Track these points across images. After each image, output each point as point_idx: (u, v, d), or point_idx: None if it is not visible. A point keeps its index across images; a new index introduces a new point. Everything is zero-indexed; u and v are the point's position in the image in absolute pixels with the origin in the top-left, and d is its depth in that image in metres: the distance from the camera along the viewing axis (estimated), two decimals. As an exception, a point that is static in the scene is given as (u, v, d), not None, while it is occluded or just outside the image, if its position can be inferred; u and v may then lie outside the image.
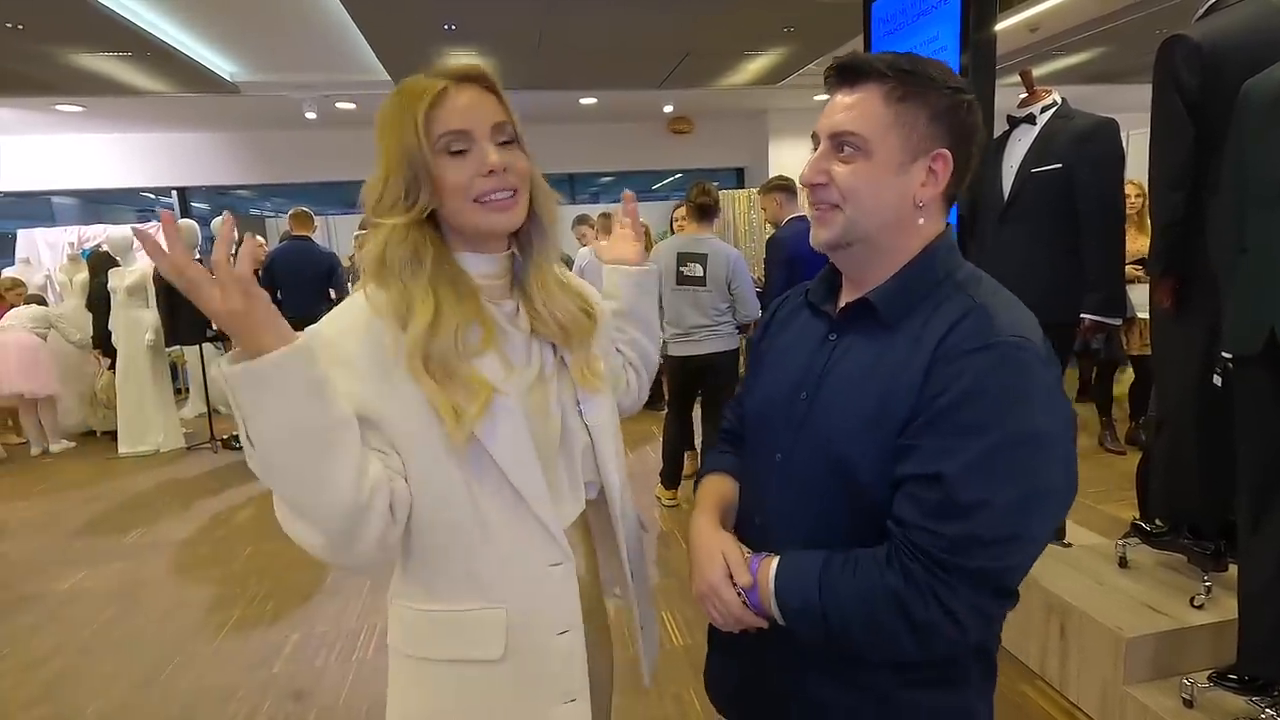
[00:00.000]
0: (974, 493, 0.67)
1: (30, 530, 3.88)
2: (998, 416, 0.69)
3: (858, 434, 0.75)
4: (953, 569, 0.68)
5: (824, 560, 0.75)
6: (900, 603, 0.69)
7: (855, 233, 0.78)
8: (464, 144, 0.79)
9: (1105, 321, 2.16)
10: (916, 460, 0.71)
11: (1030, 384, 0.70)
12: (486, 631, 0.82)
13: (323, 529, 0.74)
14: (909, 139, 0.75)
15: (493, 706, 0.84)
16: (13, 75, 4.86)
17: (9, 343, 5.16)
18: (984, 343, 0.71)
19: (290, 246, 4.80)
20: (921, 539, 0.69)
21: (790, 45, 5.18)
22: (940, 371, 0.71)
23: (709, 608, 0.83)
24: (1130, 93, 6.13)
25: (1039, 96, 2.32)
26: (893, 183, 0.76)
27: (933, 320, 0.75)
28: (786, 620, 0.76)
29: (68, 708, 2.27)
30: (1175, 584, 2.06)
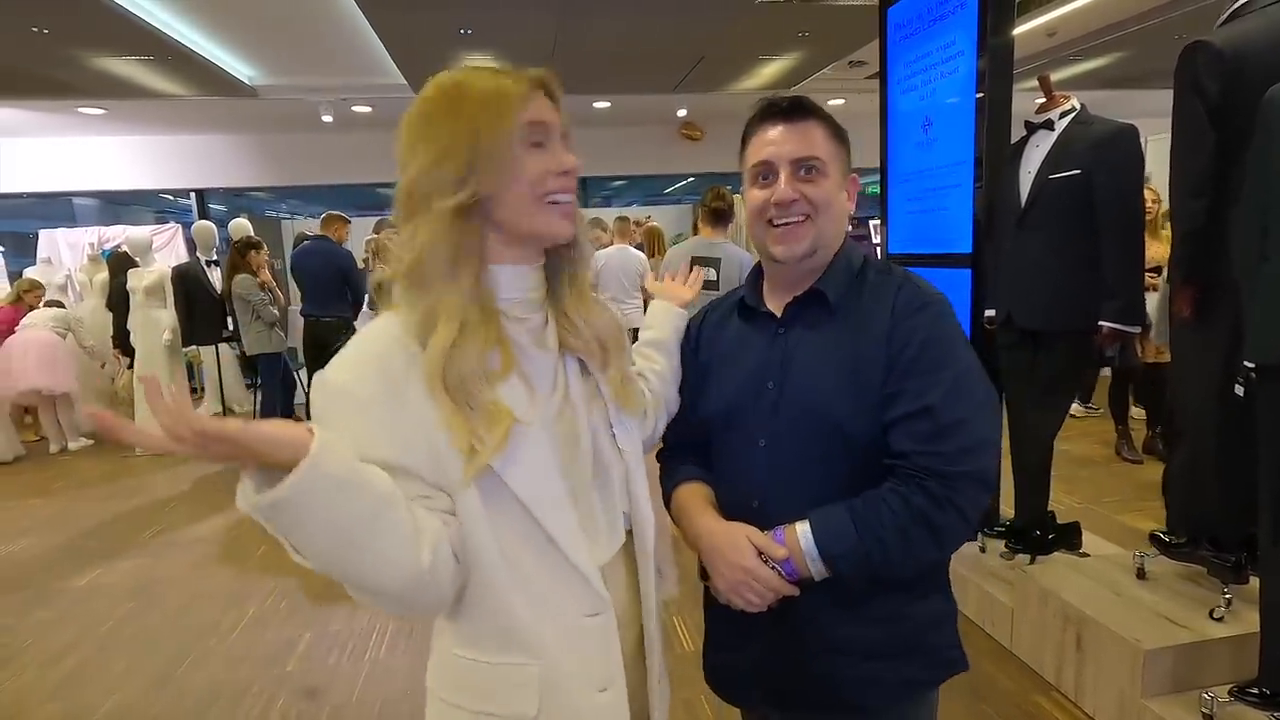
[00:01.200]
0: (955, 414, 0.86)
1: (48, 526, 3.93)
2: (951, 354, 0.88)
3: (838, 397, 0.90)
4: (957, 477, 0.85)
5: (848, 508, 0.87)
6: (926, 517, 0.85)
7: (821, 240, 0.94)
8: (543, 137, 0.75)
9: (1124, 330, 2.13)
10: (905, 400, 0.87)
11: (957, 330, 0.92)
12: (518, 688, 0.75)
13: (394, 598, 0.70)
14: (843, 167, 0.97)
15: None
16: (37, 78, 4.95)
17: (30, 340, 5.23)
18: (923, 302, 0.91)
19: (307, 248, 4.84)
20: (927, 461, 0.85)
21: (805, 50, 5.18)
22: (900, 329, 0.89)
23: (745, 593, 0.90)
24: (1149, 98, 6.08)
25: (1057, 102, 2.31)
26: (840, 198, 0.96)
27: (876, 296, 0.93)
28: (834, 567, 0.87)
29: (83, 703, 2.30)
30: (1194, 596, 2.04)
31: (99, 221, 7.79)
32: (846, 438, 0.90)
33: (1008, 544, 2.52)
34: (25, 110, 6.18)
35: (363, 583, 0.69)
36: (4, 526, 3.94)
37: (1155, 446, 4.03)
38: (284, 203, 9.09)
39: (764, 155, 0.94)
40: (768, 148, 0.94)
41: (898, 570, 0.89)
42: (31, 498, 4.45)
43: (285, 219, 8.40)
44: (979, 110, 2.53)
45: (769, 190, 0.94)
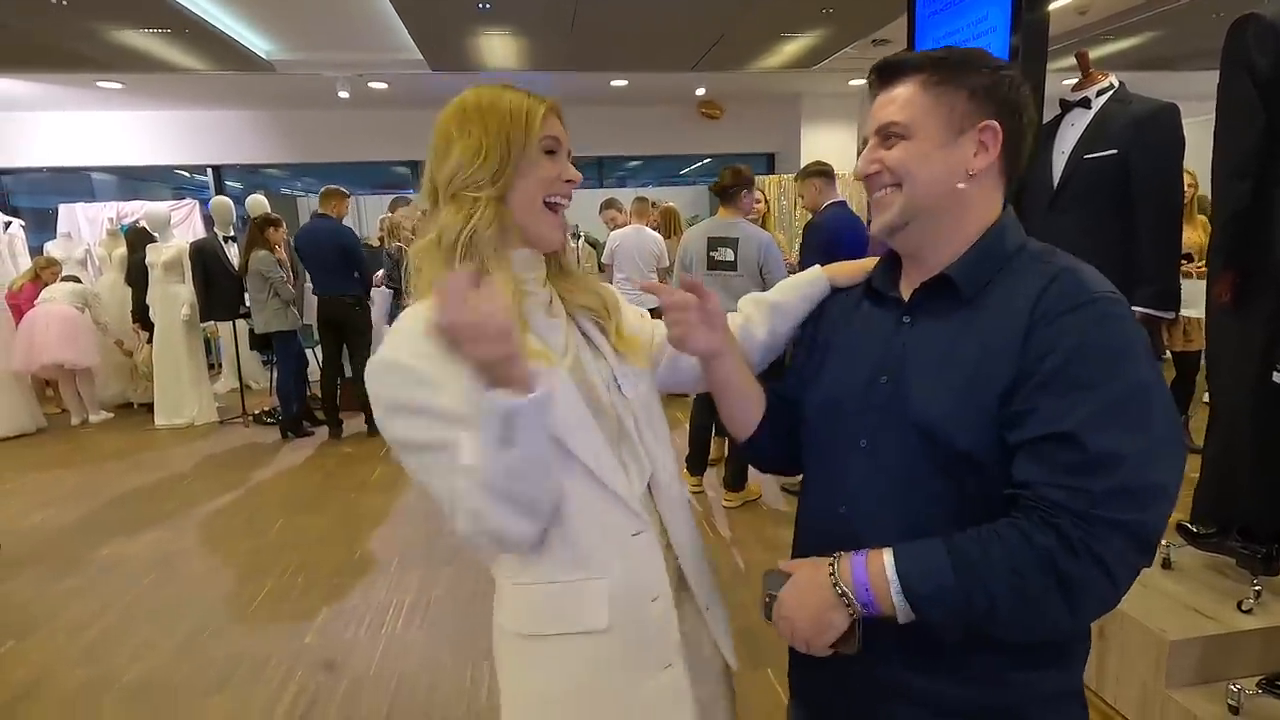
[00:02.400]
0: (1107, 444, 0.67)
1: (72, 498, 3.99)
2: (1113, 369, 0.70)
3: (952, 406, 0.76)
4: (1103, 522, 0.67)
5: (944, 542, 0.72)
6: (1052, 562, 0.67)
7: (912, 208, 0.80)
8: (556, 148, 0.88)
9: (1158, 316, 2.08)
10: (1036, 422, 0.70)
11: (1132, 336, 0.72)
12: (592, 602, 0.84)
13: (545, 516, 0.79)
14: (950, 118, 0.79)
15: (601, 678, 0.86)
16: (57, 51, 4.95)
17: (51, 314, 5.29)
18: (1080, 301, 0.72)
19: (308, 227, 4.82)
20: (1062, 496, 0.68)
21: (828, 27, 5.07)
22: (1040, 334, 0.72)
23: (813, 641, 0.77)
24: (1184, 80, 5.92)
25: (1095, 79, 2.24)
26: (940, 156, 0.79)
27: (1019, 289, 0.76)
28: (918, 609, 0.71)
29: (108, 670, 2.34)
30: (1222, 587, 2.00)
31: (118, 197, 7.83)
32: (960, 456, 0.75)
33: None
34: (45, 84, 6.20)
35: (542, 496, 0.78)
36: (30, 498, 4.01)
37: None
38: (299, 180, 9.10)
39: (864, 130, 0.89)
40: (868, 121, 0.86)
41: (1007, 628, 0.72)
42: (54, 469, 4.53)
43: (300, 196, 8.41)
44: (1011, 88, 2.45)
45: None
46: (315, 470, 4.36)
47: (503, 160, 0.83)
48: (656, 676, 0.87)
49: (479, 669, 2.27)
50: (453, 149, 0.85)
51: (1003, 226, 0.82)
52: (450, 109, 0.88)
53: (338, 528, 3.45)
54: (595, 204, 6.03)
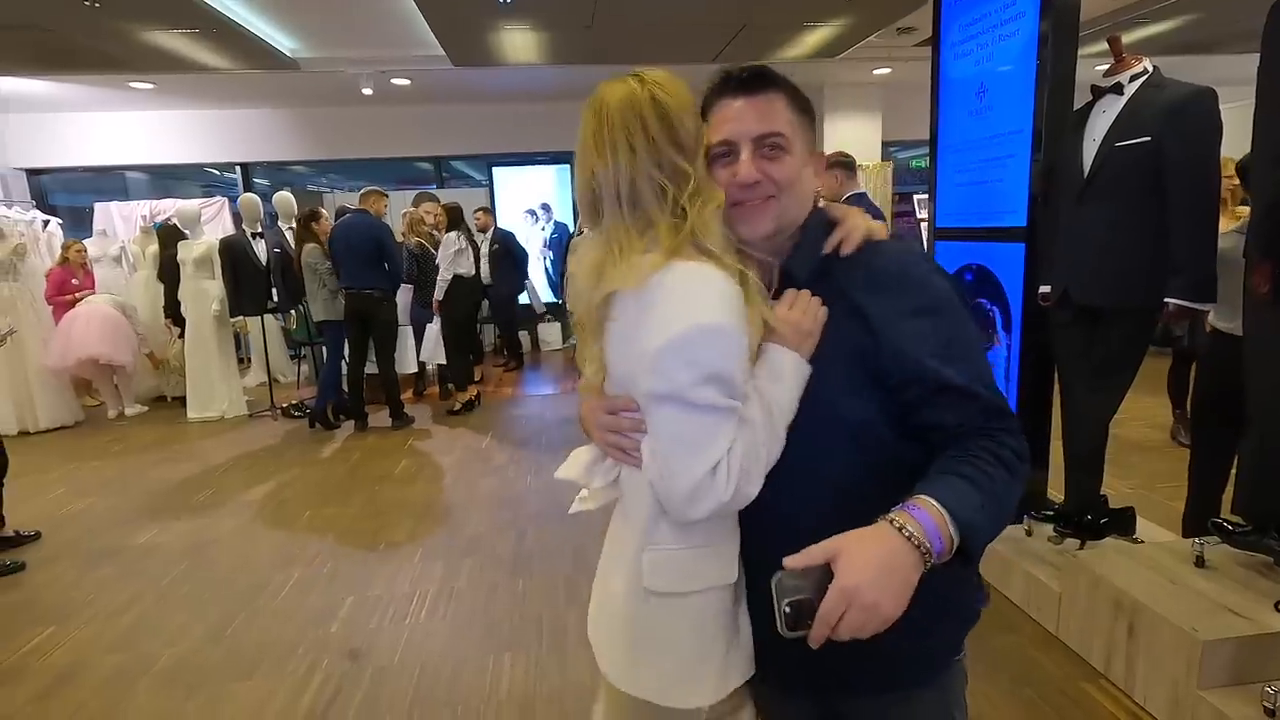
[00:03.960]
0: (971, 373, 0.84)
1: (109, 488, 4.11)
2: (939, 313, 0.85)
3: (825, 380, 0.87)
4: (1013, 429, 0.84)
5: (958, 476, 0.80)
6: (1016, 465, 0.82)
7: (784, 220, 0.90)
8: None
9: (1193, 307, 2.02)
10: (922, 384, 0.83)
11: (927, 269, 0.88)
12: (730, 561, 0.93)
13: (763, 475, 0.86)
14: (805, 140, 0.91)
15: (723, 623, 0.94)
16: (91, 52, 5.07)
17: (93, 313, 5.47)
18: (898, 268, 0.87)
19: (346, 221, 4.90)
20: (983, 421, 0.83)
21: (852, 16, 4.99)
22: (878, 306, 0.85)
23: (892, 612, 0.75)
24: (1220, 64, 5.73)
25: (1127, 64, 2.17)
26: (804, 174, 0.91)
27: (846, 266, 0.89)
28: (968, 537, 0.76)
29: (143, 655, 2.41)
30: (1257, 586, 1.95)
31: (150, 195, 8.02)
32: (855, 425, 0.86)
33: (1056, 528, 2.44)
34: (79, 86, 6.36)
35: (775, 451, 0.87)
36: (69, 488, 4.14)
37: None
38: (324, 176, 9.22)
39: (725, 133, 0.88)
40: (728, 124, 0.88)
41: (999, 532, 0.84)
42: (92, 461, 4.66)
43: (326, 192, 8.52)
44: (1039, 75, 2.40)
45: (731, 170, 0.88)
46: (341, 462, 4.44)
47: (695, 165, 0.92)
48: (742, 603, 0.96)
49: (500, 659, 2.29)
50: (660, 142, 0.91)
51: (818, 219, 0.93)
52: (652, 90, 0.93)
53: (363, 519, 3.51)
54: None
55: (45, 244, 6.55)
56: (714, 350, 0.80)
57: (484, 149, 8.01)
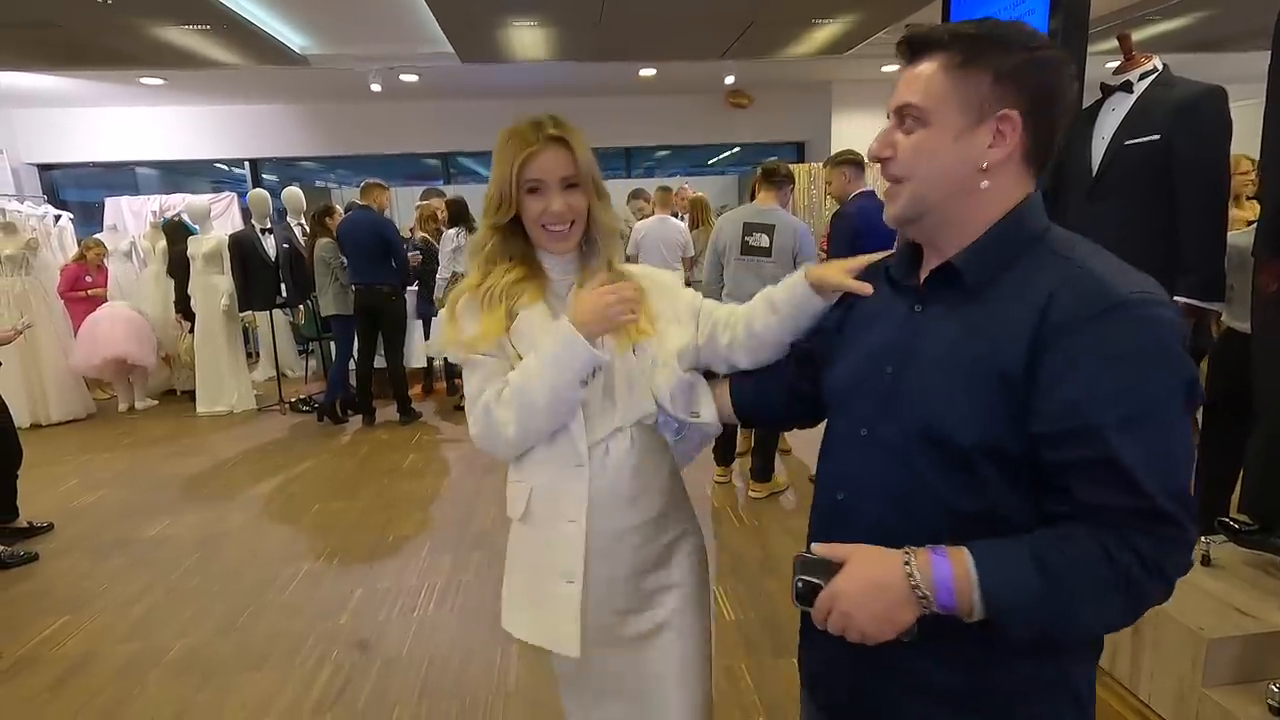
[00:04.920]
0: (1148, 459, 0.67)
1: (121, 480, 4.16)
2: (1140, 379, 0.68)
3: (954, 405, 0.74)
4: (1167, 540, 0.68)
5: (1029, 550, 0.69)
6: (1128, 578, 0.67)
7: (921, 205, 0.79)
8: (538, 188, 1.09)
9: (1203, 306, 2.02)
10: (1074, 443, 0.68)
11: (1161, 338, 0.69)
12: (518, 496, 1.14)
13: (550, 429, 1.08)
14: (969, 104, 0.75)
15: (522, 561, 1.17)
16: (103, 49, 5.11)
17: (118, 314, 5.58)
18: (1103, 306, 0.69)
19: (351, 217, 4.92)
20: (1123, 517, 0.68)
21: (860, 12, 4.98)
22: (1064, 343, 0.69)
23: (883, 629, 0.73)
24: (1230, 62, 5.68)
25: (1137, 62, 2.17)
26: (951, 149, 0.76)
27: (1032, 282, 0.73)
28: (998, 615, 0.69)
29: (155, 645, 2.44)
30: (1264, 585, 1.94)
31: (160, 190, 8.06)
32: (958, 452, 0.73)
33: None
34: (91, 81, 6.40)
35: (557, 416, 1.06)
36: (82, 480, 4.18)
37: (1223, 431, 3.85)
38: (333, 172, 9.26)
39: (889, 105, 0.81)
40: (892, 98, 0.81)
41: (1070, 635, 0.74)
42: (104, 453, 4.71)
43: (334, 188, 8.56)
44: (1049, 72, 2.39)
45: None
46: (349, 457, 4.47)
47: (502, 200, 1.09)
48: (559, 584, 1.09)
49: (508, 651, 2.31)
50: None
51: (1020, 214, 0.77)
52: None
53: (371, 512, 3.54)
54: (623, 195, 6.03)
55: (56, 239, 6.60)
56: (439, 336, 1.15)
57: (492, 145, 7.80)
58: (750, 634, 2.34)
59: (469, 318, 1.09)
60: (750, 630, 2.36)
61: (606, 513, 1.09)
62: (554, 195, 1.08)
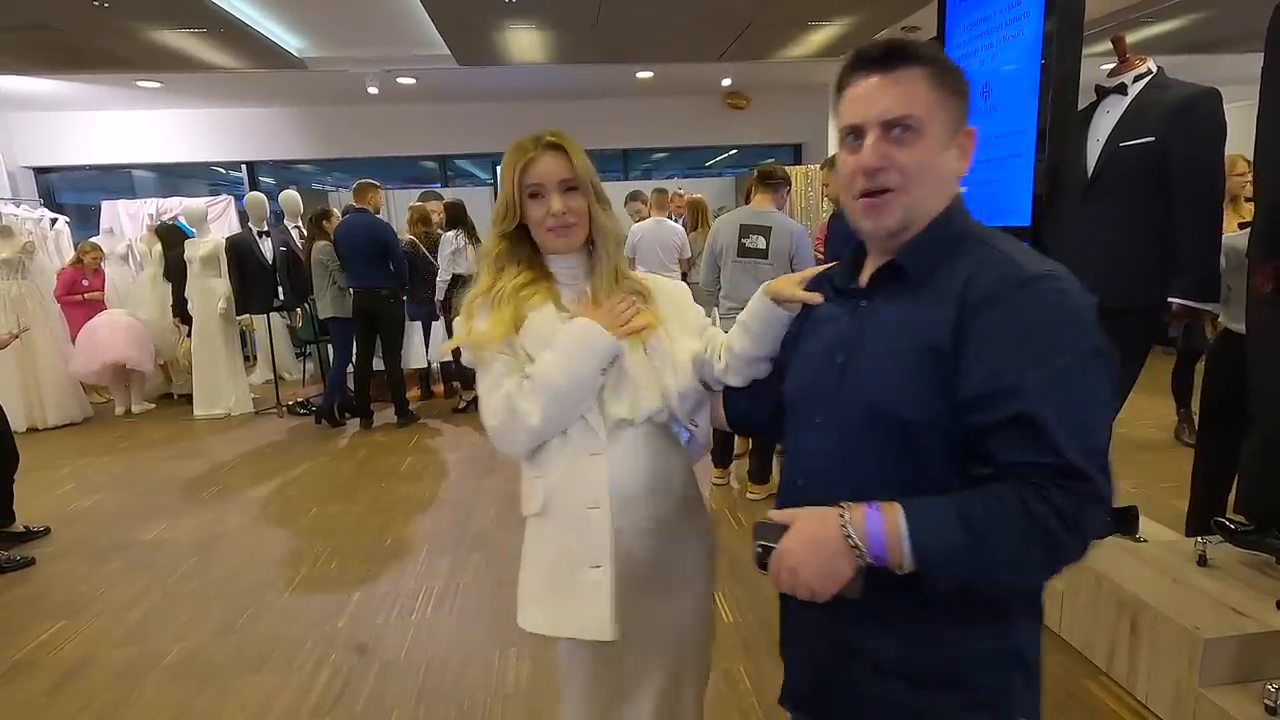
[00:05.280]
0: (1065, 419, 0.71)
1: (118, 484, 4.14)
2: (1055, 346, 0.73)
3: (897, 382, 0.80)
4: (1083, 495, 0.71)
5: (953, 504, 0.74)
6: (1046, 529, 0.71)
7: (912, 214, 0.82)
8: (539, 192, 1.13)
9: (1197, 306, 2.03)
10: (996, 406, 0.74)
11: (1073, 309, 0.75)
12: (534, 491, 1.16)
13: (572, 419, 1.11)
14: (948, 119, 0.81)
15: (543, 554, 1.17)
16: (99, 52, 5.10)
17: (117, 321, 5.58)
18: (1017, 282, 0.76)
19: (345, 221, 4.91)
20: (1041, 472, 0.71)
21: (857, 15, 5.00)
22: (984, 317, 0.76)
23: (824, 581, 0.77)
24: (1225, 64, 5.71)
25: (1132, 64, 2.18)
26: (941, 160, 0.81)
27: (958, 270, 0.80)
28: (925, 564, 0.74)
29: (152, 649, 2.44)
30: (1259, 585, 1.96)
31: (157, 193, 8.06)
32: (903, 428, 0.79)
33: (1059, 527, 2.45)
34: (87, 84, 6.39)
35: (579, 406, 1.11)
36: (78, 484, 4.17)
37: (1219, 432, 3.86)
38: (330, 175, 9.25)
39: (852, 117, 0.82)
40: (856, 106, 0.81)
41: (993, 587, 0.78)
42: (101, 457, 4.70)
43: (331, 191, 8.55)
44: (1044, 75, 2.40)
45: (857, 155, 0.81)
46: (347, 460, 4.46)
47: (508, 208, 1.15)
48: (585, 571, 1.11)
49: (506, 653, 2.31)
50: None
51: (949, 212, 0.84)
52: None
53: (369, 515, 3.53)
54: (621, 197, 6.03)
55: (53, 242, 6.59)
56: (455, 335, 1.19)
57: (489, 148, 8.02)
58: (749, 636, 2.34)
59: (481, 319, 1.13)
60: (748, 633, 2.37)
61: (626, 503, 1.12)
62: (554, 197, 1.12)
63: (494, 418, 1.10)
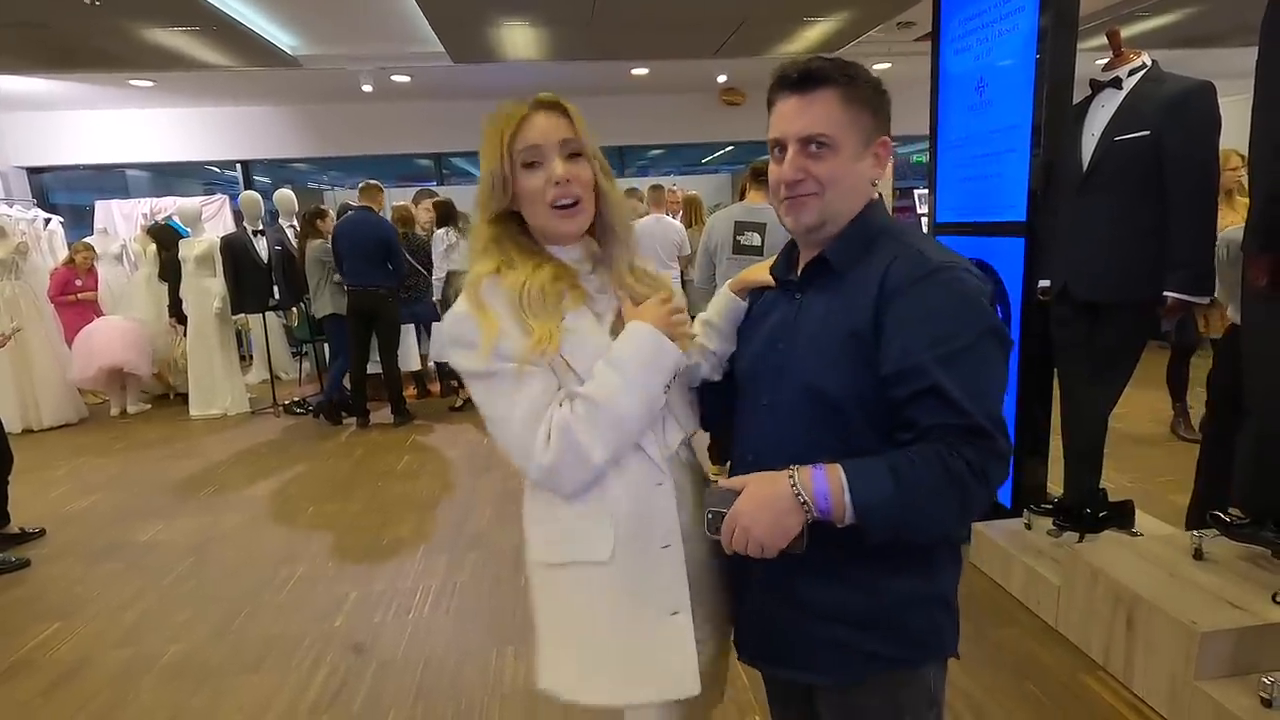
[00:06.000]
0: (970, 387, 0.84)
1: (113, 485, 4.13)
2: (956, 325, 0.85)
3: (826, 365, 0.92)
4: (988, 451, 0.83)
5: (885, 461, 0.84)
6: (962, 481, 0.83)
7: (829, 213, 0.94)
8: (535, 159, 0.95)
9: (1191, 300, 2.03)
10: (910, 379, 0.85)
11: (969, 296, 0.87)
12: (598, 534, 0.96)
13: (625, 451, 0.96)
14: (861, 134, 0.93)
15: (609, 608, 0.97)
16: (92, 51, 5.07)
17: (113, 324, 5.56)
18: (923, 272, 0.88)
19: (350, 218, 4.91)
20: (954, 432, 0.83)
21: (852, 11, 4.99)
22: (898, 302, 0.87)
23: (774, 535, 0.85)
24: (1223, 58, 5.71)
25: (1126, 58, 2.18)
26: (855, 168, 0.93)
27: (875, 263, 0.92)
28: (862, 515, 0.84)
29: (149, 650, 2.43)
30: (1255, 578, 1.96)
31: (151, 193, 8.02)
32: (834, 405, 0.91)
33: (1055, 522, 2.46)
34: (80, 83, 6.36)
35: (641, 428, 0.97)
36: (74, 485, 4.15)
37: (1214, 425, 3.88)
38: (325, 173, 9.22)
39: (775, 132, 0.95)
40: (779, 123, 0.94)
41: (918, 531, 0.88)
42: (96, 458, 4.68)
43: (327, 189, 8.52)
44: (1038, 70, 2.40)
45: (780, 167, 0.95)
46: (344, 459, 4.45)
47: (494, 185, 0.96)
48: (664, 620, 0.97)
49: (504, 652, 2.31)
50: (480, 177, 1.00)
51: (870, 211, 0.96)
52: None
53: (366, 515, 3.53)
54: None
55: (46, 242, 6.55)
56: (458, 327, 0.93)
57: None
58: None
59: (508, 321, 0.92)
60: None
61: (687, 535, 0.99)
62: (555, 162, 0.93)
63: (549, 455, 0.89)
